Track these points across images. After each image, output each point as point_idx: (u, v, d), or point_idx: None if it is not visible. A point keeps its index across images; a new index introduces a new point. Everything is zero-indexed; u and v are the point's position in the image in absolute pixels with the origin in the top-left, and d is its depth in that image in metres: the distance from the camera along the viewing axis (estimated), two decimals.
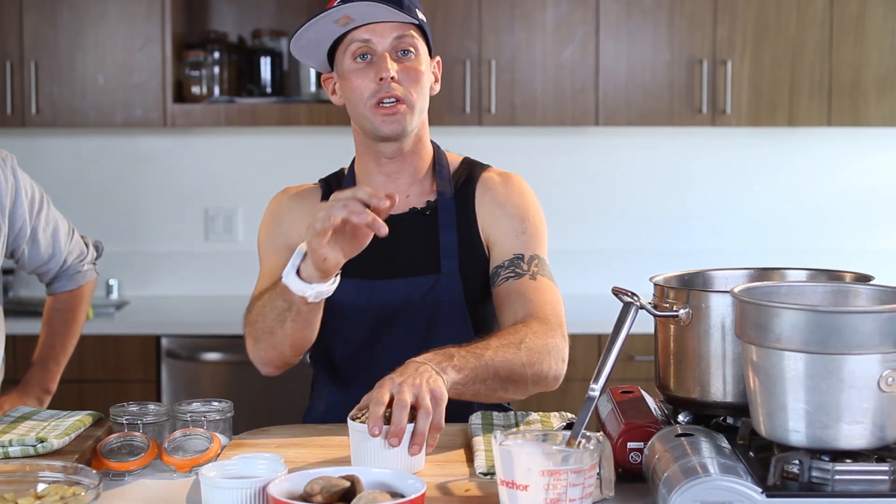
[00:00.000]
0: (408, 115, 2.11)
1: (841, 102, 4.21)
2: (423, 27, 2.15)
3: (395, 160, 2.18)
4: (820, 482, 1.49)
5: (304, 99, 4.35)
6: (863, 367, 1.47)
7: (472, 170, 2.26)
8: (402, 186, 2.20)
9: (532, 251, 2.16)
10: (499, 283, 2.14)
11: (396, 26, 2.10)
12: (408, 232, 2.18)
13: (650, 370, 1.91)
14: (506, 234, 2.17)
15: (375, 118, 2.11)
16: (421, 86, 2.13)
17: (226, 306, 4.32)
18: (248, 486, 1.54)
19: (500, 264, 2.16)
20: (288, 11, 4.53)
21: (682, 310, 1.72)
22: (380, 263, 2.15)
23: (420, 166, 2.21)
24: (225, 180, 4.58)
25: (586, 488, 1.47)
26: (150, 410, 1.90)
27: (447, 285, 2.16)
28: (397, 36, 2.10)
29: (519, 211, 2.19)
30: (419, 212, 2.20)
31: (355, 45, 2.11)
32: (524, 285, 2.10)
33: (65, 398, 3.95)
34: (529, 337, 1.97)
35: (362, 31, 2.10)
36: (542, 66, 4.21)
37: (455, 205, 2.21)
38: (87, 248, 2.56)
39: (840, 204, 4.60)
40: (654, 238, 4.59)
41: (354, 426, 1.74)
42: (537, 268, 2.14)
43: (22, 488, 1.60)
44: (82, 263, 2.53)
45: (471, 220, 2.20)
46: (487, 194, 2.22)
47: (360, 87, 2.11)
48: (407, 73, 2.10)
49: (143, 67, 4.19)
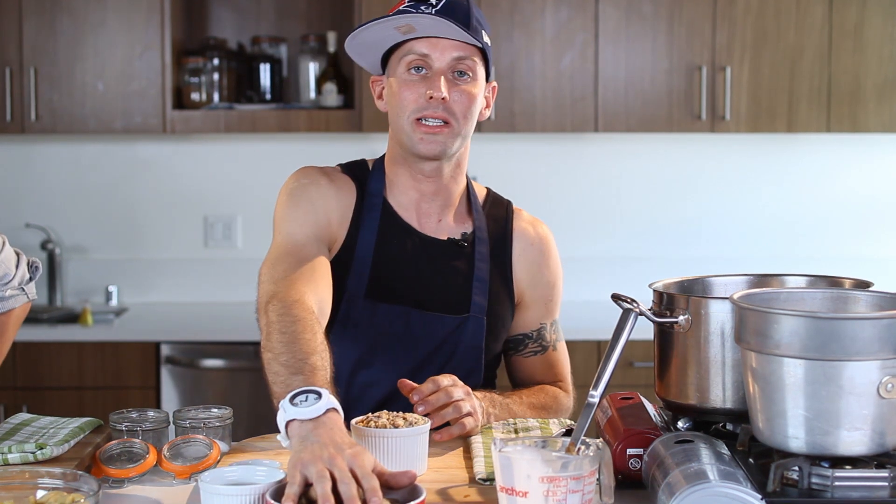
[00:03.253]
0: (450, 139, 2.07)
1: (840, 109, 4.21)
2: (486, 51, 2.08)
3: (434, 180, 2.15)
4: (819, 488, 1.49)
5: (304, 106, 4.35)
6: (862, 373, 1.47)
7: (501, 208, 2.26)
8: (435, 209, 2.18)
9: (553, 317, 2.29)
10: (525, 353, 2.27)
11: (458, 45, 2.04)
12: (442, 261, 2.17)
13: (650, 376, 1.91)
14: (537, 301, 2.26)
15: (415, 134, 2.07)
16: (471, 111, 2.08)
17: (225, 313, 4.33)
18: (247, 492, 1.53)
19: (526, 334, 2.26)
20: (287, 18, 4.54)
21: (682, 316, 1.72)
22: (410, 290, 2.13)
23: (456, 192, 2.19)
24: (224, 187, 4.58)
25: (586, 495, 1.47)
26: (149, 417, 1.90)
27: (472, 328, 2.15)
28: (457, 56, 2.05)
29: (552, 278, 2.27)
30: (458, 242, 2.18)
31: (412, 57, 2.05)
32: (547, 358, 2.28)
33: (64, 405, 3.97)
34: (553, 409, 2.20)
35: (422, 44, 2.04)
36: (542, 73, 4.21)
37: (489, 241, 2.20)
38: (14, 270, 2.13)
39: (839, 210, 4.60)
40: (654, 244, 4.59)
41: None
42: (556, 334, 2.29)
43: (21, 495, 1.60)
44: (5, 288, 2.11)
45: (506, 265, 2.22)
46: (529, 251, 2.24)
47: (407, 100, 2.06)
48: (460, 95, 2.05)
49: (143, 74, 4.20)
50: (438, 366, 2.13)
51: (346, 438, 1.55)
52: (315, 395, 1.60)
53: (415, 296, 2.13)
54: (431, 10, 2.01)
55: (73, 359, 3.99)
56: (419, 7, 2.01)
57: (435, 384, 1.96)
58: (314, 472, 1.46)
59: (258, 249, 4.39)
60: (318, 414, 1.57)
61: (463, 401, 1.96)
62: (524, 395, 2.17)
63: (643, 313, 1.70)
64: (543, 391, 2.22)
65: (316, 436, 1.54)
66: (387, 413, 1.82)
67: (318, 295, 1.94)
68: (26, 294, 2.16)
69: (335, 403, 1.61)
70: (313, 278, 1.96)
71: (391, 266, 2.14)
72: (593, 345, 3.95)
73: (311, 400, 1.59)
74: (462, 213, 2.21)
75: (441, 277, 2.16)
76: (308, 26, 4.52)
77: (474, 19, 2.06)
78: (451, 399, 1.95)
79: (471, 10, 2.06)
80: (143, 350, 3.99)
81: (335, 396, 1.62)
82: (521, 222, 2.26)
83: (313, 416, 1.57)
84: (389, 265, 2.14)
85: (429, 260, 2.16)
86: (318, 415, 1.57)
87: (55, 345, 3.98)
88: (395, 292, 2.12)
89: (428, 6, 2.01)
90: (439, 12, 2.00)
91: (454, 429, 1.94)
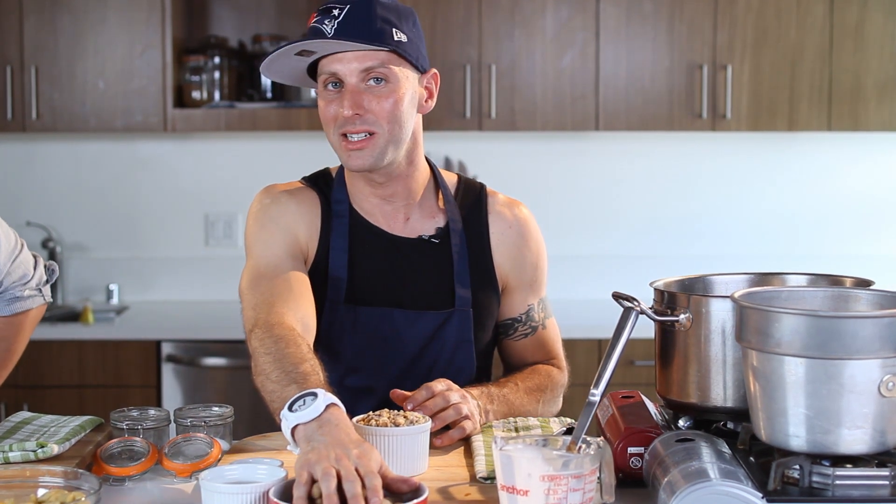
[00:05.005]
0: (377, 150, 2.03)
1: (841, 107, 4.21)
2: (401, 49, 2.03)
3: (387, 184, 2.12)
4: (820, 487, 1.49)
5: (304, 104, 4.35)
6: (863, 371, 1.47)
7: (474, 192, 2.23)
8: (399, 209, 2.16)
9: (540, 295, 2.27)
10: (516, 337, 2.26)
11: (365, 55, 2.00)
12: (417, 260, 2.15)
13: (651, 375, 1.91)
14: (522, 283, 2.24)
15: (343, 151, 2.05)
16: (396, 115, 2.03)
17: (226, 311, 4.32)
18: (248, 491, 1.54)
19: (515, 318, 2.25)
20: (288, 16, 4.54)
21: (683, 315, 1.72)
22: (391, 291, 2.13)
23: (415, 188, 2.16)
24: (225, 185, 4.58)
25: (587, 493, 1.47)
26: (150, 415, 1.90)
27: (459, 323, 2.14)
28: (366, 67, 2.00)
29: (534, 258, 2.24)
30: (428, 240, 2.16)
31: (324, 76, 2.03)
32: (538, 337, 2.27)
33: (65, 403, 3.98)
34: (549, 388, 2.19)
35: (331, 61, 2.01)
36: (542, 71, 4.21)
37: (464, 231, 2.18)
38: (32, 272, 2.17)
39: (840, 209, 4.60)
40: (655, 243, 4.59)
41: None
42: (544, 312, 2.28)
43: (22, 493, 1.60)
44: (23, 288, 2.15)
45: (485, 252, 2.19)
46: (507, 234, 2.21)
47: (328, 117, 2.04)
48: (378, 103, 2.01)
49: (144, 72, 4.20)
50: (428, 364, 2.12)
51: (352, 436, 1.56)
52: (312, 397, 1.61)
53: (396, 296, 2.13)
54: (334, 22, 1.98)
55: (74, 357, 3.99)
56: (324, 21, 1.99)
57: (429, 391, 1.95)
58: (320, 471, 1.47)
59: None
60: (318, 413, 1.58)
61: (461, 403, 1.96)
62: (519, 380, 2.16)
63: (644, 312, 1.70)
64: (537, 372, 2.21)
65: (322, 434, 1.55)
66: (388, 411, 1.82)
67: (299, 312, 1.96)
68: (43, 296, 2.19)
69: (334, 399, 1.61)
70: (291, 297, 1.98)
71: (367, 270, 2.13)
72: (594, 343, 3.95)
73: (308, 402, 1.60)
74: (431, 206, 2.18)
75: (419, 275, 2.14)
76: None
77: (378, 21, 2.00)
78: (449, 403, 1.95)
79: (373, 11, 2.00)
80: (144, 348, 3.99)
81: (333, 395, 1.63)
82: (497, 206, 2.22)
83: (314, 415, 1.58)
84: (365, 269, 2.13)
85: (404, 260, 2.14)
86: (318, 413, 1.58)
87: (56, 343, 3.98)
88: (376, 295, 2.12)
89: (331, 19, 1.99)
90: (338, 28, 1.98)
91: (454, 433, 1.94)
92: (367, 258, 2.14)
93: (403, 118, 2.04)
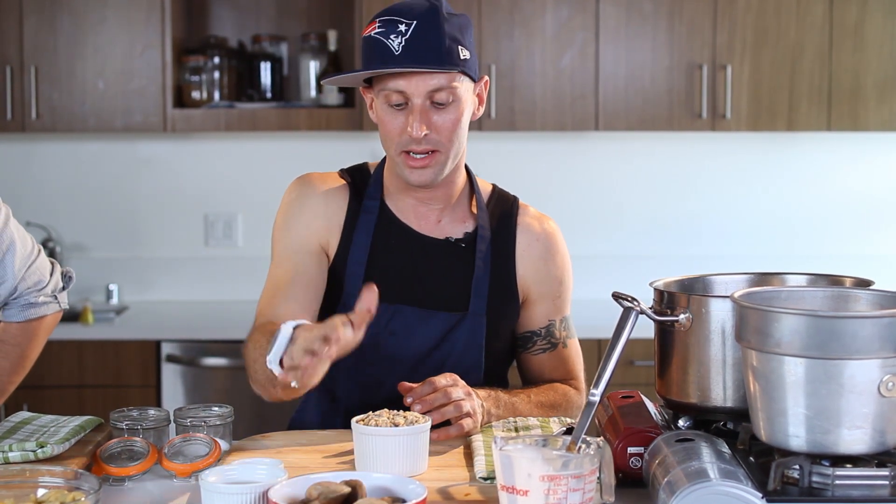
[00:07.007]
0: (439, 166, 2.08)
1: (840, 107, 4.21)
2: (466, 67, 2.04)
3: (430, 189, 2.15)
4: (820, 487, 1.49)
5: (304, 104, 4.35)
6: (863, 371, 1.47)
7: (507, 204, 2.24)
8: (433, 210, 2.18)
9: (563, 313, 2.27)
10: (534, 351, 2.25)
11: (432, 75, 2.01)
12: (441, 261, 2.17)
13: (650, 375, 1.91)
14: (544, 296, 2.24)
15: (404, 167, 2.08)
16: (458, 132, 2.06)
17: (226, 311, 4.32)
18: (248, 491, 1.54)
19: (535, 331, 2.24)
20: (288, 17, 4.54)
21: (683, 315, 1.72)
22: (408, 288, 2.14)
23: (453, 193, 2.19)
24: (225, 185, 4.58)
25: (587, 493, 1.47)
26: (150, 415, 1.90)
27: (470, 327, 2.15)
28: (433, 89, 2.02)
29: (559, 273, 2.25)
30: (455, 242, 2.18)
31: (388, 93, 2.03)
32: (558, 354, 2.26)
33: (65, 403, 3.97)
34: (563, 407, 2.18)
35: (396, 78, 2.02)
36: (542, 71, 4.21)
37: (492, 239, 2.19)
38: (48, 278, 2.16)
39: (840, 208, 4.60)
40: (654, 243, 4.59)
41: (358, 429, 1.77)
42: (566, 331, 2.28)
43: (22, 493, 1.60)
44: (38, 294, 2.14)
45: (509, 262, 2.20)
46: (533, 247, 2.22)
47: (391, 132, 2.06)
48: (442, 122, 2.04)
49: (143, 72, 4.20)
50: (437, 364, 2.13)
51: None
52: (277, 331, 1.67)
53: (412, 294, 2.14)
54: (401, 39, 1.98)
55: (74, 357, 3.99)
56: (389, 36, 1.99)
57: (431, 385, 1.95)
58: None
59: (259, 248, 4.40)
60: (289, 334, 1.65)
61: (463, 400, 1.96)
62: (532, 393, 2.16)
63: (644, 312, 1.70)
64: (553, 389, 2.20)
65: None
66: (387, 411, 1.82)
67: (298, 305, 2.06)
68: (58, 303, 2.19)
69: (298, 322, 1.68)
70: (292, 293, 2.08)
71: (387, 266, 2.15)
72: (594, 343, 3.94)
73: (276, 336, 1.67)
74: (464, 210, 2.21)
75: (439, 276, 2.16)
76: (308, 25, 4.52)
77: (447, 40, 2.00)
78: (450, 399, 1.95)
79: (442, 31, 2.00)
80: (144, 348, 3.99)
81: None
82: (526, 217, 2.24)
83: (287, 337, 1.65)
84: (386, 265, 2.15)
85: (427, 259, 2.16)
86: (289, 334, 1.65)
87: (56, 343, 3.97)
88: (393, 291, 2.12)
89: (398, 35, 1.99)
90: (406, 47, 1.98)
91: (452, 429, 1.94)
92: (389, 254, 2.16)
93: (463, 133, 2.09)
